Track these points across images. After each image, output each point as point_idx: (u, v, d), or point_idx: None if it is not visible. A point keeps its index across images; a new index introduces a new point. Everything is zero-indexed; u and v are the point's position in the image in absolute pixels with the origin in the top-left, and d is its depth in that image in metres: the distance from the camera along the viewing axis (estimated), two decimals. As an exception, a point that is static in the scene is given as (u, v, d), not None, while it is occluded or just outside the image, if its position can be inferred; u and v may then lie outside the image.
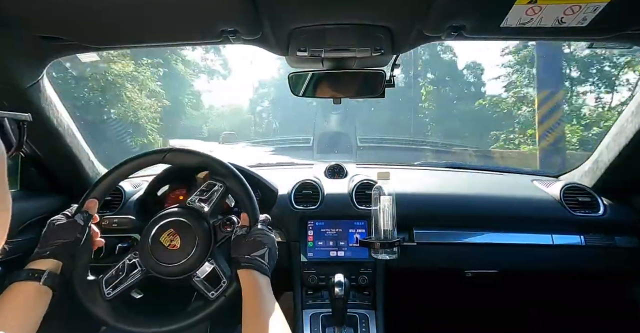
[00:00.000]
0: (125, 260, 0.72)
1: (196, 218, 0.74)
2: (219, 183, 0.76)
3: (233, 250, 0.70)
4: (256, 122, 26.35)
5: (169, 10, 0.67)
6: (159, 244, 0.72)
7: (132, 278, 0.71)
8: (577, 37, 0.77)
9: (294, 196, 1.17)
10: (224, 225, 0.77)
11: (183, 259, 0.70)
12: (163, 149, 0.79)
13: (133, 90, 8.89)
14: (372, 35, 0.76)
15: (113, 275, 0.71)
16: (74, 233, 0.66)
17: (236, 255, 0.68)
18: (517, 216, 1.14)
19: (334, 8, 0.66)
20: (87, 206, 0.72)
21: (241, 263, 0.66)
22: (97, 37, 0.80)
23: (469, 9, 0.65)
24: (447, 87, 14.17)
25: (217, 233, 0.76)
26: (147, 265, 0.72)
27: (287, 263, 1.11)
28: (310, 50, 0.79)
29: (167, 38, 0.83)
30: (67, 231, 0.66)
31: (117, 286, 0.70)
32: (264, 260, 0.67)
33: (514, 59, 10.55)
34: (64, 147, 1.08)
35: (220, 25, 0.71)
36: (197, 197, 0.77)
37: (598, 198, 1.14)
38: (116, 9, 0.65)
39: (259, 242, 0.69)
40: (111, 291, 0.70)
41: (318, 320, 1.01)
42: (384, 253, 0.97)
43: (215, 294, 0.70)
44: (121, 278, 0.71)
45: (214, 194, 0.76)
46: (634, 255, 1.09)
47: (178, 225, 0.73)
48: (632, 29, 0.71)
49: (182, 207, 0.77)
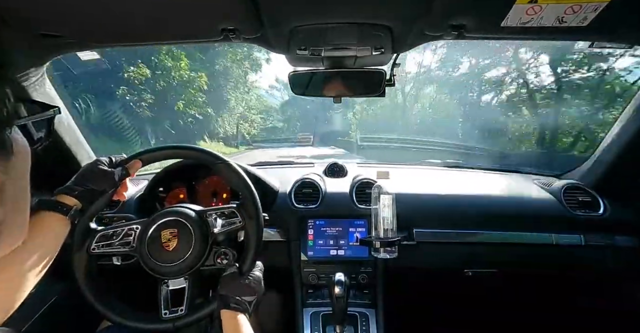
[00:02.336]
0: (125, 229, 0.74)
1: (200, 226, 0.74)
2: (240, 219, 0.76)
3: (222, 287, 0.70)
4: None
5: (169, 9, 0.67)
6: (156, 242, 0.72)
7: (119, 248, 0.73)
8: (577, 36, 0.77)
9: (294, 195, 1.17)
10: (219, 256, 0.76)
11: (177, 261, 0.71)
12: (219, 157, 0.80)
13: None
14: (372, 34, 0.75)
15: (107, 236, 0.74)
16: (105, 184, 0.69)
17: (226, 293, 0.68)
18: (517, 215, 1.14)
19: (334, 7, 0.66)
20: (131, 164, 0.74)
21: (230, 303, 0.66)
22: (98, 35, 0.80)
23: (470, 8, 0.65)
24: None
25: (209, 256, 0.76)
26: (142, 260, 0.72)
27: (288, 262, 1.11)
28: (310, 49, 0.79)
29: (167, 36, 0.83)
30: (101, 180, 0.69)
31: (104, 246, 0.73)
32: (250, 306, 0.68)
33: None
34: (64, 145, 1.08)
35: (221, 24, 0.71)
36: (216, 215, 0.77)
37: (598, 198, 1.14)
38: (117, 7, 0.65)
39: (253, 288, 0.70)
40: (96, 248, 0.73)
41: (318, 319, 1.01)
42: (384, 252, 0.97)
43: (167, 316, 0.71)
44: (112, 242, 0.73)
45: (231, 226, 0.76)
46: (634, 254, 1.09)
47: (178, 225, 0.73)
48: (632, 28, 0.71)
49: (196, 212, 0.77)
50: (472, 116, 11.03)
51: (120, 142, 8.25)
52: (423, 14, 0.66)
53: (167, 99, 10.21)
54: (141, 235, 0.74)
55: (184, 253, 0.71)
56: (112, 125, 8.40)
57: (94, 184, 0.68)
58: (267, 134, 20.50)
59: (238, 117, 14.66)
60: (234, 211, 0.77)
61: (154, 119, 9.83)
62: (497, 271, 1.12)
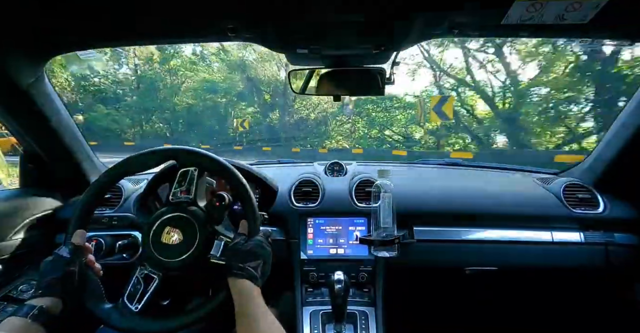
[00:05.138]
0: (136, 273, 0.72)
1: (189, 211, 0.73)
2: (191, 168, 0.74)
3: (227, 258, 0.69)
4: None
5: (168, 8, 0.66)
6: (160, 241, 0.71)
7: (152, 286, 0.71)
8: (578, 33, 0.77)
9: (294, 193, 1.17)
10: (215, 203, 0.75)
11: (185, 254, 0.70)
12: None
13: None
14: (372, 33, 0.75)
15: (132, 292, 0.71)
16: (61, 268, 0.64)
17: (230, 263, 0.68)
18: (517, 213, 1.14)
19: (334, 5, 0.66)
20: (74, 238, 0.70)
21: (233, 270, 0.66)
22: (98, 34, 0.80)
23: (470, 6, 0.65)
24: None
25: (212, 216, 0.75)
26: (150, 263, 0.71)
27: (287, 261, 1.11)
28: (310, 47, 0.79)
29: (166, 35, 0.83)
30: (53, 267, 0.65)
31: (141, 299, 0.70)
32: (256, 271, 0.67)
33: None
34: (64, 145, 1.08)
35: (220, 23, 0.71)
36: (178, 190, 0.75)
37: (598, 196, 1.14)
38: (116, 7, 0.65)
39: (255, 253, 0.69)
40: (138, 305, 0.70)
41: (318, 317, 1.01)
42: (384, 251, 0.97)
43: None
44: (142, 290, 0.71)
45: (192, 181, 0.74)
46: (633, 252, 1.09)
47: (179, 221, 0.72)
48: (633, 25, 0.71)
49: (168, 204, 0.75)
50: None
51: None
52: (423, 12, 0.65)
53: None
54: (144, 244, 0.72)
55: (193, 240, 0.70)
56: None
57: (50, 274, 0.64)
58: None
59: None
60: (182, 171, 0.75)
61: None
62: (497, 269, 1.12)
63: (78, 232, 0.71)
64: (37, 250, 1.08)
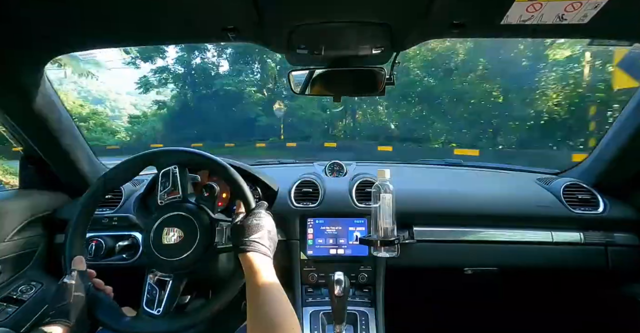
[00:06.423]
0: (148, 281, 0.71)
1: (182, 208, 0.73)
2: (171, 167, 0.74)
3: (233, 238, 0.70)
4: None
5: (169, 9, 0.66)
6: (162, 244, 0.71)
7: (168, 288, 0.70)
8: (578, 34, 0.77)
9: (294, 194, 1.17)
10: (205, 194, 0.75)
11: (190, 250, 0.70)
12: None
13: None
14: (372, 33, 0.75)
15: (149, 298, 0.70)
16: (67, 296, 0.64)
17: (236, 241, 0.68)
18: (517, 213, 1.14)
19: (334, 6, 0.66)
20: (74, 265, 0.70)
21: (240, 246, 0.66)
22: (98, 35, 0.80)
23: (470, 6, 0.65)
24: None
25: (206, 207, 0.74)
26: (158, 268, 0.71)
27: (287, 261, 1.11)
28: (310, 48, 0.79)
29: (166, 36, 0.83)
30: (61, 295, 0.64)
31: (160, 302, 0.69)
32: (262, 242, 0.67)
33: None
34: (64, 145, 1.08)
35: (221, 23, 0.71)
36: (164, 192, 0.74)
37: (598, 196, 1.14)
38: (117, 7, 0.65)
39: (256, 224, 0.69)
40: (159, 309, 0.69)
41: (318, 318, 1.01)
42: (384, 251, 0.97)
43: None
44: (159, 295, 0.70)
45: (175, 180, 0.74)
46: (633, 252, 1.09)
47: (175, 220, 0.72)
48: (632, 25, 0.71)
49: (159, 208, 0.75)
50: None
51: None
52: (423, 12, 0.66)
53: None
54: (146, 244, 0.72)
55: (193, 238, 0.70)
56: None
57: (57, 303, 0.63)
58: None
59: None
60: (163, 172, 0.75)
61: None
62: (497, 269, 1.12)
63: (76, 259, 0.70)
64: (37, 250, 1.08)
